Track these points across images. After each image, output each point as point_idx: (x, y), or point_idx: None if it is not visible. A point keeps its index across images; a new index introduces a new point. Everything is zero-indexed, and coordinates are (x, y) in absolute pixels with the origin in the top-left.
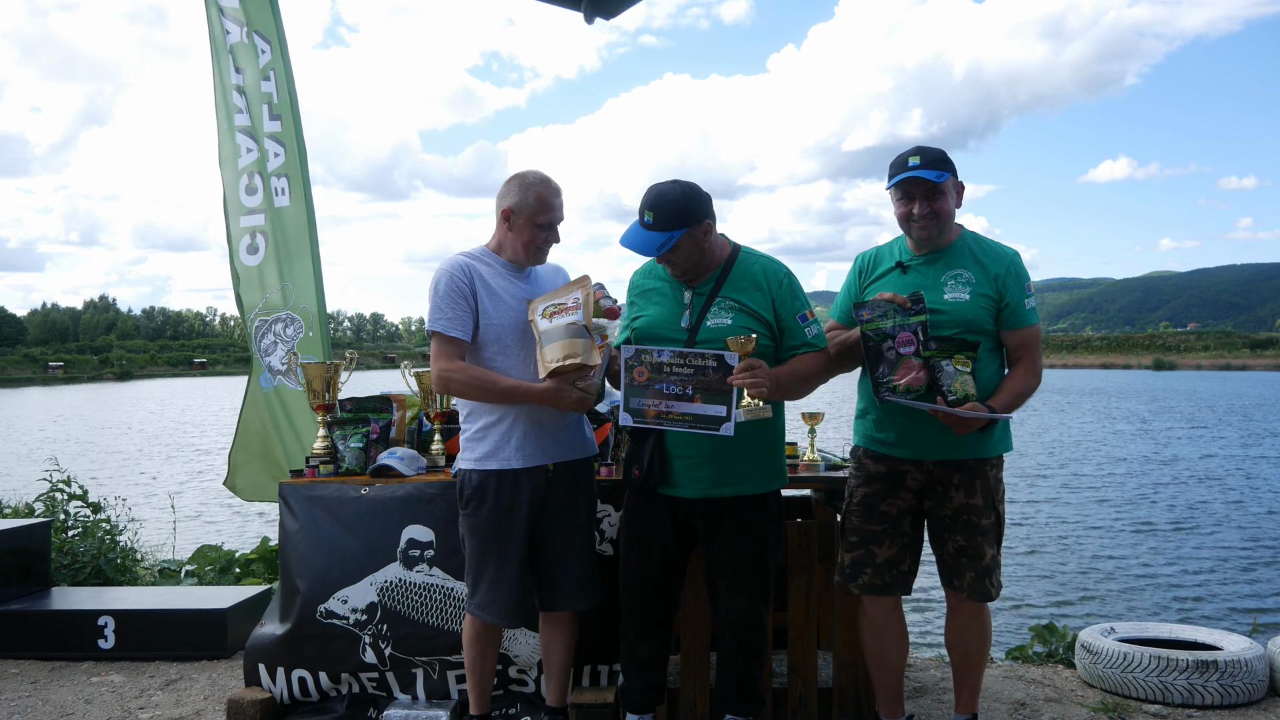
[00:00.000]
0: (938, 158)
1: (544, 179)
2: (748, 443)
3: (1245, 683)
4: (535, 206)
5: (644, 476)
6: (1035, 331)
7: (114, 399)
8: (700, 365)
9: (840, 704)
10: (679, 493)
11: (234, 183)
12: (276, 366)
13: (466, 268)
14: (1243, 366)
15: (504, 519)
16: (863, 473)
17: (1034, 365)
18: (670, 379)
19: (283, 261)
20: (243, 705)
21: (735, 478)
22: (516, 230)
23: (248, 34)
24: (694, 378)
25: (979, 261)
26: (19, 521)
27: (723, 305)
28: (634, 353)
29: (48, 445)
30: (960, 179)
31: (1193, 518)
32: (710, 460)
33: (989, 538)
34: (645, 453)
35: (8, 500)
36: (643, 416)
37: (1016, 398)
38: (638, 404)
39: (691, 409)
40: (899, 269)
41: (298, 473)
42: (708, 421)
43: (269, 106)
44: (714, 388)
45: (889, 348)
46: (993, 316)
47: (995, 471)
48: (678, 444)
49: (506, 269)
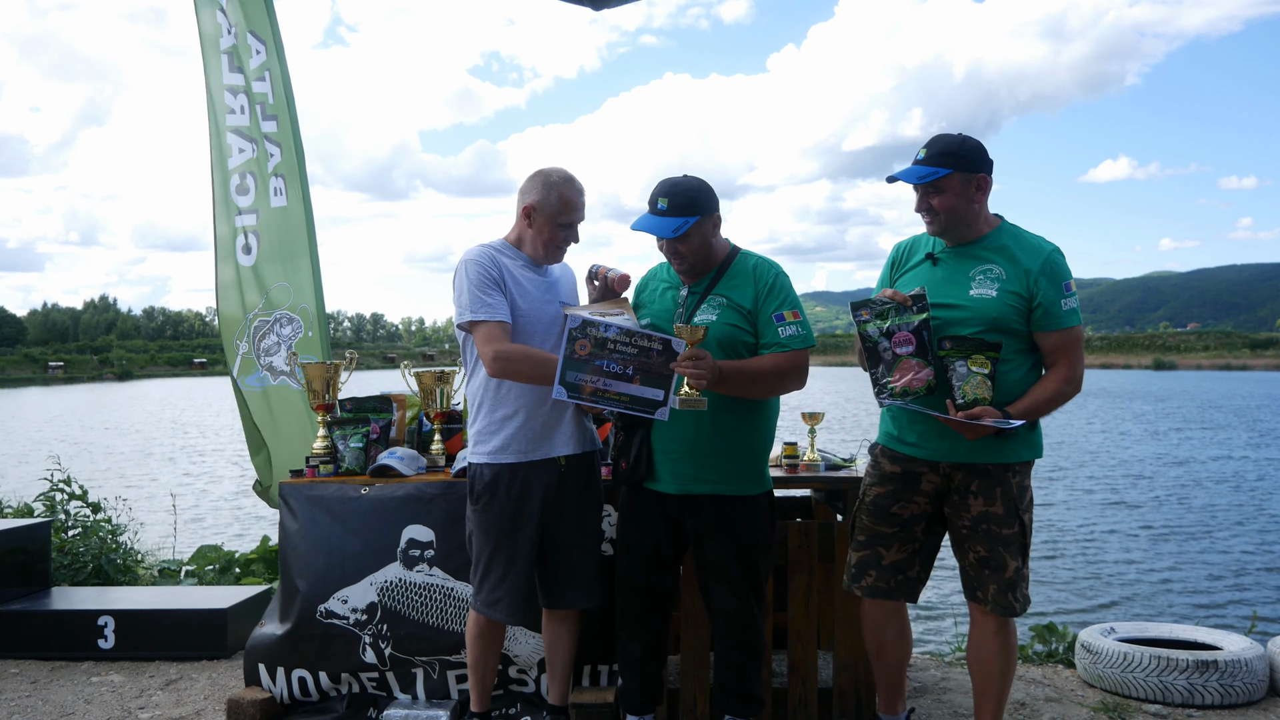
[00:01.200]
0: (942, 152)
1: (568, 178)
2: (726, 443)
3: (1245, 683)
4: (558, 206)
5: (631, 469)
6: (1074, 335)
7: (113, 399)
8: (645, 347)
9: (840, 704)
10: (662, 488)
11: (225, 183)
12: (280, 367)
13: (494, 257)
14: (1243, 366)
15: (516, 514)
16: (878, 472)
17: (1070, 371)
18: (612, 356)
19: (279, 262)
20: (243, 705)
21: (713, 476)
22: (537, 228)
23: (241, 34)
24: (637, 358)
25: (1012, 256)
26: (19, 521)
27: (713, 302)
28: (580, 323)
29: (45, 446)
30: (985, 173)
31: (1211, 519)
32: (689, 456)
33: (1012, 549)
34: (633, 446)
35: (8, 500)
36: (578, 392)
37: (1042, 404)
38: (575, 378)
39: (629, 389)
40: (929, 260)
41: (298, 473)
42: (644, 405)
43: (263, 107)
44: (655, 371)
45: (885, 348)
46: (1022, 316)
47: (1019, 479)
48: (661, 438)
49: (526, 263)
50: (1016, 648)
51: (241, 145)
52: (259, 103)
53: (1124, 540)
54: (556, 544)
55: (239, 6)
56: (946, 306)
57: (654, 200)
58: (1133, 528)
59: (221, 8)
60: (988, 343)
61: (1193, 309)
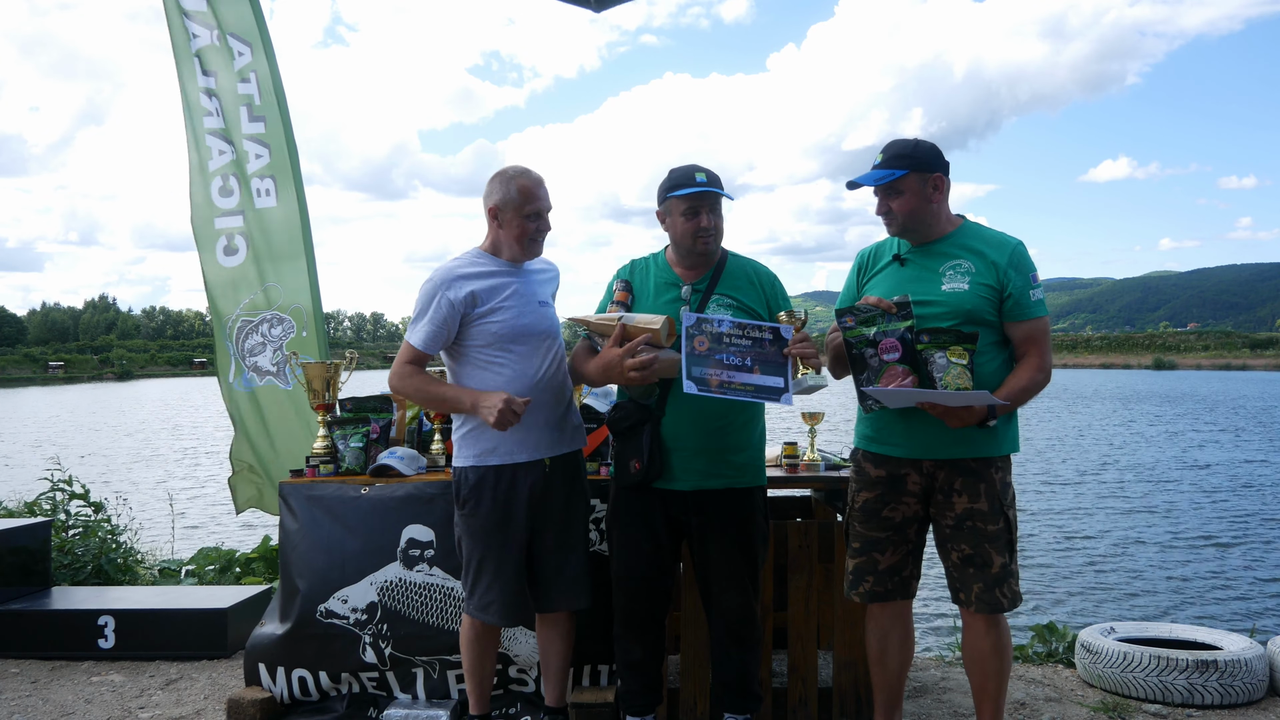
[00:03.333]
0: (898, 154)
1: (523, 170)
2: (740, 436)
3: (1245, 682)
4: (519, 198)
5: (645, 470)
6: (1042, 324)
7: (114, 399)
8: (757, 337)
9: (840, 704)
10: (674, 486)
11: (205, 185)
12: (265, 367)
13: (457, 281)
14: (1243, 366)
15: (503, 516)
16: (863, 477)
17: (1041, 360)
18: (730, 349)
19: (267, 262)
20: (243, 705)
21: (728, 470)
22: (506, 226)
23: (219, 36)
24: (752, 349)
25: (979, 251)
26: (19, 521)
27: (720, 301)
28: (695, 321)
29: (44, 448)
30: (941, 173)
31: (1242, 526)
32: (704, 451)
33: (998, 544)
34: (644, 446)
35: (8, 501)
36: (706, 385)
37: (1021, 393)
38: (700, 373)
39: (752, 379)
40: (897, 261)
41: (298, 472)
42: (767, 392)
43: (248, 108)
44: (770, 359)
45: (872, 355)
46: (995, 307)
47: (1001, 474)
48: (675, 435)
49: (503, 267)
50: (1010, 645)
51: (221, 147)
52: (244, 104)
53: (1160, 550)
54: (543, 546)
55: (215, 9)
56: (921, 303)
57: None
58: (1163, 536)
59: (185, 12)
60: (964, 334)
61: (1192, 309)
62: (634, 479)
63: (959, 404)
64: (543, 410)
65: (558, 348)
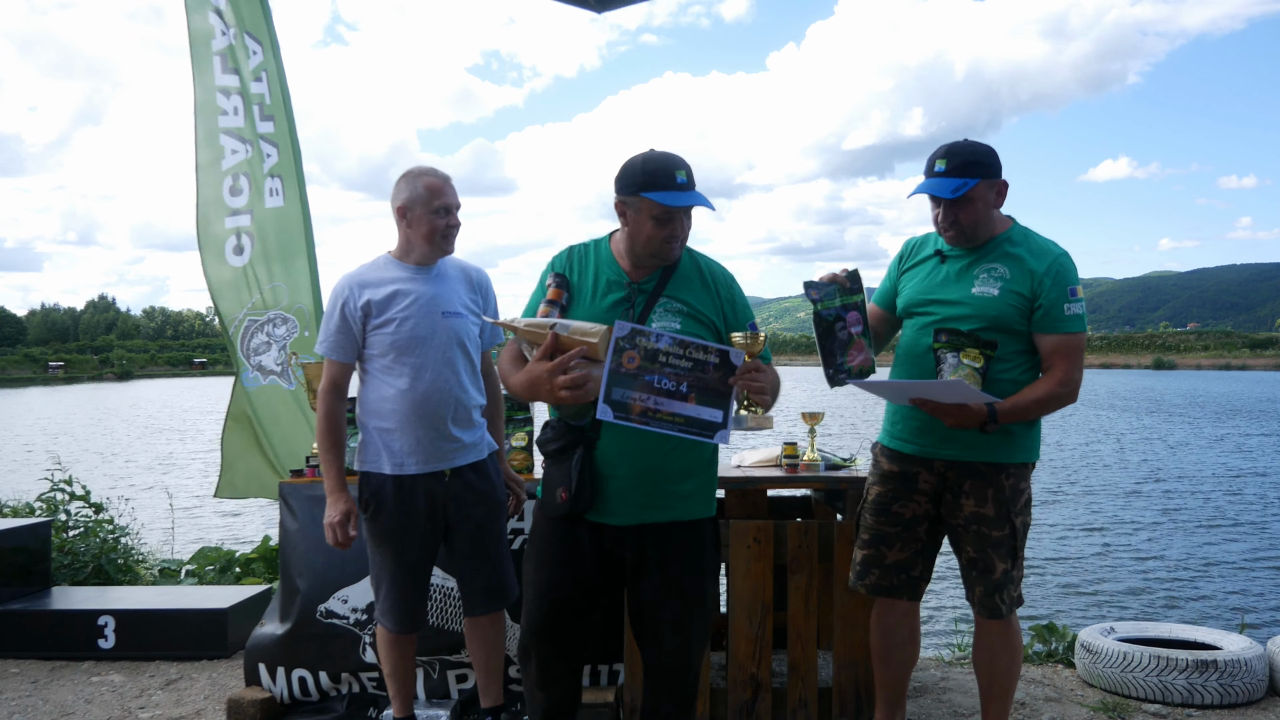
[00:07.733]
0: (966, 162)
1: (428, 168)
2: (685, 461)
3: (1245, 682)
4: (425, 194)
5: (573, 500)
6: (1074, 340)
7: (114, 400)
8: (700, 359)
9: (840, 704)
10: (608, 520)
11: (216, 184)
12: (270, 366)
13: (356, 288)
14: (1242, 366)
15: (398, 525)
16: (878, 471)
17: (1065, 375)
18: (664, 371)
19: (273, 262)
20: (243, 705)
21: (672, 501)
22: (415, 225)
23: (238, 35)
24: (691, 373)
25: (1018, 258)
26: (19, 521)
27: (668, 307)
28: (629, 332)
29: (43, 448)
30: (1002, 177)
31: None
32: (645, 479)
33: (1000, 551)
34: (572, 472)
35: (8, 500)
36: (626, 411)
37: (1029, 404)
38: (622, 395)
39: (684, 409)
40: (937, 256)
41: (298, 473)
42: (700, 427)
43: (260, 108)
44: (712, 388)
45: (841, 328)
46: (1024, 316)
47: (1013, 481)
48: (607, 463)
49: (407, 274)
50: (1020, 647)
51: (235, 146)
52: (256, 103)
53: (1160, 550)
54: (458, 554)
55: (235, 7)
56: (948, 303)
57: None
58: (1168, 535)
59: (217, 9)
60: (983, 339)
61: (1192, 309)
62: (560, 510)
63: (948, 398)
64: (440, 421)
65: (464, 358)
